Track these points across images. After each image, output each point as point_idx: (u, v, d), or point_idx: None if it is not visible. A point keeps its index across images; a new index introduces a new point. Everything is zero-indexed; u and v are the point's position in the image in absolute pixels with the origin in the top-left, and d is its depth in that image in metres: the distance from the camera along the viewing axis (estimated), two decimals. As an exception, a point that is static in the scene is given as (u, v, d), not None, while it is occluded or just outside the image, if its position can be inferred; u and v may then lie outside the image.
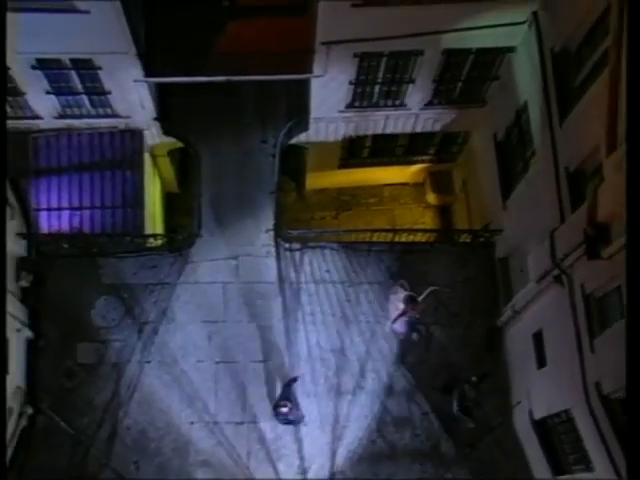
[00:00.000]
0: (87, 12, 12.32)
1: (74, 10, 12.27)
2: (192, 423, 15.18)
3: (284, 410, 14.24)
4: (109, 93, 15.15)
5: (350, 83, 15.32)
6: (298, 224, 19.07)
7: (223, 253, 16.33)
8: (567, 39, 12.39)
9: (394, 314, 15.27)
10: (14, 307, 14.55)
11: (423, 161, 19.48)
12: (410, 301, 14.77)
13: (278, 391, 14.93)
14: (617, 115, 10.19)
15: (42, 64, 14.16)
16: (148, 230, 16.83)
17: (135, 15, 13.42)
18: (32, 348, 15.25)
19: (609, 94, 10.29)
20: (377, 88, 15.72)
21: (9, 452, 13.97)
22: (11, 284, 14.82)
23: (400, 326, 15.35)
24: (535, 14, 13.21)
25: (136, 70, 14.28)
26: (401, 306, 14.86)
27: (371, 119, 16.84)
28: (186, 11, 14.72)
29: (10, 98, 15.06)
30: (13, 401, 14.19)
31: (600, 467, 11.97)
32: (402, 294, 14.98)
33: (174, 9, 14.69)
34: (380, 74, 15.22)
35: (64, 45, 13.54)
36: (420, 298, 14.79)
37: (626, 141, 8.36)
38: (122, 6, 12.36)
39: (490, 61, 14.99)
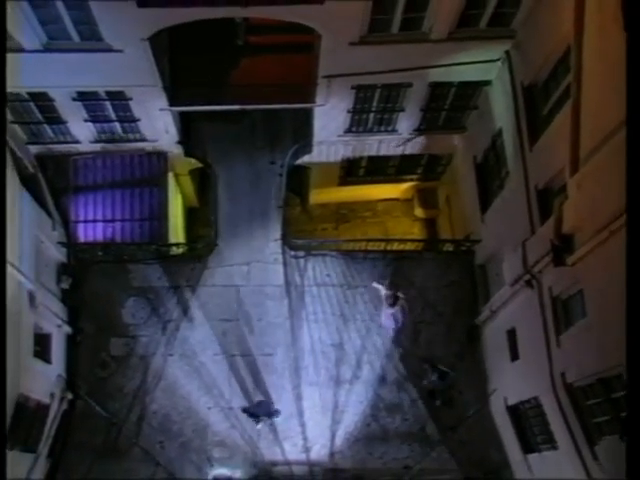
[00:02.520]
0: (121, 51, 12.47)
1: (109, 49, 12.43)
2: (210, 408, 15.27)
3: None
4: (138, 120, 15.22)
5: (348, 111, 15.38)
6: (302, 234, 19.07)
7: (237, 260, 16.39)
8: (535, 75, 12.47)
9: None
10: (55, 306, 14.73)
11: (412, 179, 19.44)
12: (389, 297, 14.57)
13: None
14: (579, 140, 10.30)
15: (81, 96, 14.28)
16: (171, 239, 16.85)
17: (161, 53, 13.57)
18: (71, 342, 15.39)
19: (571, 123, 10.37)
20: (372, 116, 15.76)
21: (53, 431, 14.12)
22: (53, 286, 14.97)
23: (387, 320, 15.09)
24: (508, 53, 13.27)
25: (162, 100, 14.37)
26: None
27: (366, 142, 16.88)
28: (205, 49, 14.78)
29: (54, 125, 15.27)
30: (55, 388, 14.33)
31: (563, 446, 12.11)
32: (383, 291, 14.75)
33: (195, 48, 14.71)
34: (374, 103, 15.27)
35: (100, 79, 13.62)
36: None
37: (626, 141, 8.35)
38: (150, 46, 12.50)
39: (470, 93, 15.05)
